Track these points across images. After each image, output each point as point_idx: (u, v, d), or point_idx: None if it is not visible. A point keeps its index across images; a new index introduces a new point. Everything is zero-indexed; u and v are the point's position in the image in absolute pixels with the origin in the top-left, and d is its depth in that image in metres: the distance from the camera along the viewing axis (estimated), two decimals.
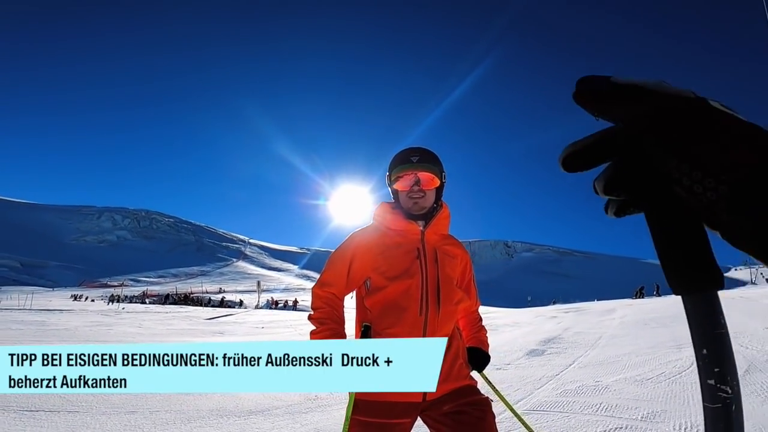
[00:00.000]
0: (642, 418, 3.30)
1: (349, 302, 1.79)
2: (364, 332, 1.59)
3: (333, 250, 1.76)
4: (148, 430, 3.29)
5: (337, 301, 1.65)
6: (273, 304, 36.18)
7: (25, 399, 3.85)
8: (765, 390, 3.73)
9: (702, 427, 3.01)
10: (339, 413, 3.85)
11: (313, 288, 1.67)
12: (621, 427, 3.12)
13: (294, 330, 13.62)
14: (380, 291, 1.59)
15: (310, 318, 1.63)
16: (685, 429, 3.00)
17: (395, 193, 1.67)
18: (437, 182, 1.63)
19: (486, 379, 1.78)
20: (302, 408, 4.09)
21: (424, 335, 1.54)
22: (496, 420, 1.53)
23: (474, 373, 1.68)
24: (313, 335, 1.58)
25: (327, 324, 1.58)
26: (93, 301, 35.77)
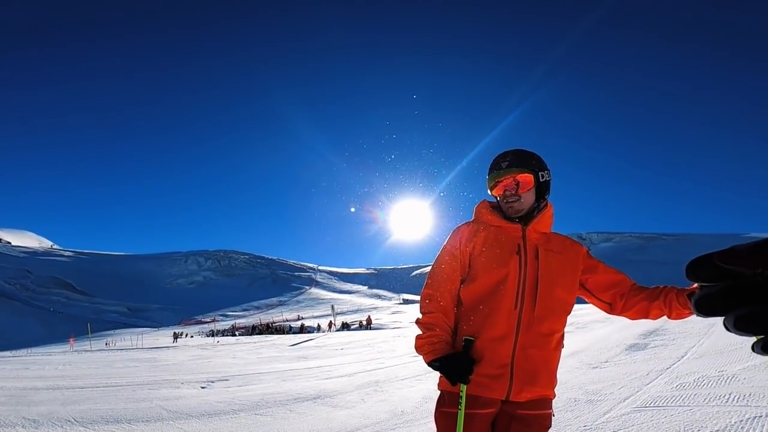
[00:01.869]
0: None
1: None
2: (466, 346, 1.58)
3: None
4: None
5: (449, 305, 1.64)
6: (344, 327, 37.00)
7: (150, 431, 4.28)
8: None
9: None
10: (425, 427, 3.82)
11: (423, 290, 1.69)
12: (760, 416, 2.71)
13: (372, 348, 13.77)
14: (477, 282, 1.60)
15: (417, 322, 1.65)
16: None
17: (495, 198, 1.70)
18: (531, 184, 1.62)
19: None
20: (390, 425, 4.09)
21: (517, 330, 1.53)
22: (599, 422, 1.45)
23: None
24: (419, 339, 1.61)
25: (433, 330, 1.60)
26: (192, 336, 39.23)
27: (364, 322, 38.01)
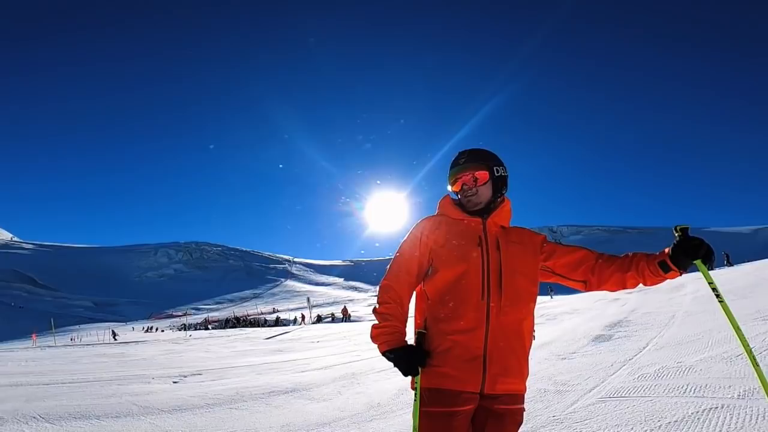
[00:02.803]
0: (739, 396, 3.05)
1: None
2: (419, 339, 1.62)
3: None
4: None
5: (405, 297, 1.68)
6: (317, 320, 36.94)
7: (120, 426, 4.18)
8: None
9: None
10: (401, 418, 3.87)
11: (381, 281, 1.72)
12: (716, 407, 2.90)
13: (348, 341, 13.82)
14: (442, 275, 1.64)
15: (374, 311, 1.68)
16: None
17: (456, 194, 1.79)
18: (486, 178, 1.72)
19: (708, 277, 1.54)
20: (366, 417, 4.13)
21: (487, 320, 1.56)
22: (566, 412, 1.52)
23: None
24: (375, 329, 1.64)
25: (389, 321, 1.63)
26: (163, 331, 38.20)
27: (340, 314, 37.95)
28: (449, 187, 1.80)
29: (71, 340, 29.07)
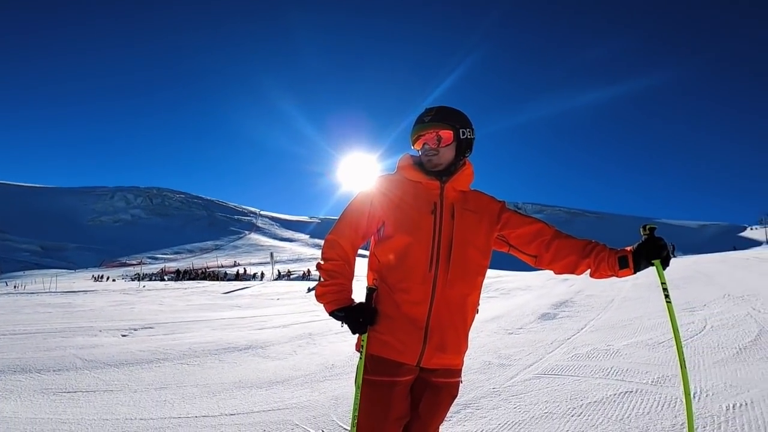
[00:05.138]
0: (653, 382, 3.38)
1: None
2: (368, 295, 1.61)
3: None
4: (178, 405, 3.48)
5: (350, 254, 1.65)
6: (286, 275, 36.94)
7: (63, 380, 4.09)
8: None
9: (712, 391, 3.09)
10: (353, 380, 4.01)
11: (327, 235, 1.66)
12: (631, 391, 3.21)
13: (309, 300, 13.99)
14: (392, 241, 1.60)
15: (319, 267, 1.64)
16: (693, 394, 3.06)
17: (418, 153, 1.71)
18: (451, 139, 1.63)
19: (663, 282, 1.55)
20: (320, 377, 4.25)
21: (433, 292, 1.55)
22: (506, 385, 1.59)
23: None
24: (321, 287, 1.61)
25: (336, 278, 1.61)
26: (114, 280, 36.99)
27: (301, 273, 38.14)
28: (411, 145, 1.71)
29: (14, 287, 27.62)
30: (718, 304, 6.42)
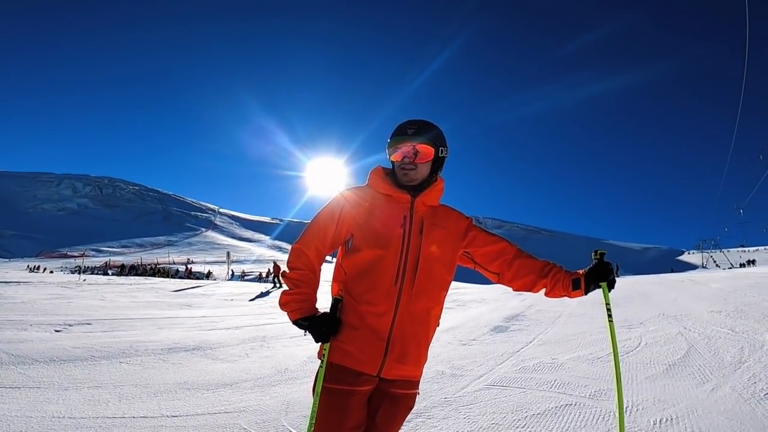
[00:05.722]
0: (590, 395, 3.57)
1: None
2: (333, 305, 1.63)
3: (312, 216, 1.73)
4: (113, 405, 3.27)
5: (316, 264, 1.65)
6: (240, 276, 35.70)
7: None
8: (700, 373, 4.07)
9: (642, 406, 3.31)
10: (308, 386, 3.93)
11: (293, 244, 1.66)
12: (571, 404, 3.37)
13: (265, 302, 13.61)
14: (359, 253, 1.61)
15: (284, 276, 1.64)
16: (626, 408, 3.27)
17: (392, 164, 1.71)
18: (430, 156, 1.66)
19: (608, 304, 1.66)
20: (271, 381, 4.15)
21: (397, 305, 1.57)
22: (457, 395, 1.63)
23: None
24: (285, 296, 1.61)
25: (301, 288, 1.60)
26: (52, 272, 34.15)
27: (268, 273, 36.84)
28: (388, 156, 1.71)
29: None
30: (653, 323, 6.90)
